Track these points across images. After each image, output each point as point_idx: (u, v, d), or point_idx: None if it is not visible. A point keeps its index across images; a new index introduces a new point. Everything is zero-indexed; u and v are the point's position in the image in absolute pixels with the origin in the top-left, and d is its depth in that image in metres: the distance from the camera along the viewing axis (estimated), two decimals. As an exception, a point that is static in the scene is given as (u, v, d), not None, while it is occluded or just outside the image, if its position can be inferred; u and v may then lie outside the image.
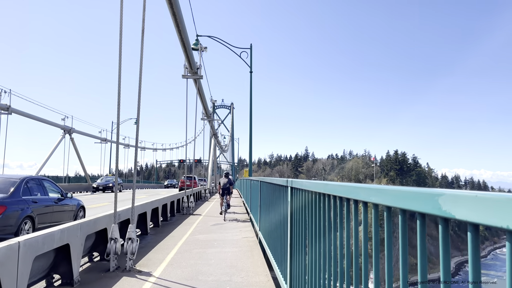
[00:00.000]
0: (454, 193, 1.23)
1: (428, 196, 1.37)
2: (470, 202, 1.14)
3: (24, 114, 29.70)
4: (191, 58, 17.26)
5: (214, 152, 40.77)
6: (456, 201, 1.21)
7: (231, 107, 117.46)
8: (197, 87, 18.72)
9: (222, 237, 11.15)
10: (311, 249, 3.48)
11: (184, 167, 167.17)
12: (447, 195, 1.27)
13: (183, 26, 13.84)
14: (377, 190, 1.90)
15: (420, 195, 1.43)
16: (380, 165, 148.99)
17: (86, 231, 6.81)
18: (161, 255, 8.56)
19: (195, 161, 71.66)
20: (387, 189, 1.77)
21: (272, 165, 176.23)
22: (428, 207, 1.37)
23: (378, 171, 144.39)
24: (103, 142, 44.66)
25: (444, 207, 1.28)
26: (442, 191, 1.29)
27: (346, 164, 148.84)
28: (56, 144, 33.41)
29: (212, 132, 39.32)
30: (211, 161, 39.12)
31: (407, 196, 1.54)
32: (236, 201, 28.42)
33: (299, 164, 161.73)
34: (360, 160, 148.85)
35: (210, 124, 33.78)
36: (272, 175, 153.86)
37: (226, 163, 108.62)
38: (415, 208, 1.47)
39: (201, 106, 26.61)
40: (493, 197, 1.05)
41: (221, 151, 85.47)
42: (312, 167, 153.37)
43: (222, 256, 8.49)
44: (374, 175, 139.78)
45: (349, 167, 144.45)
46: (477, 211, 1.11)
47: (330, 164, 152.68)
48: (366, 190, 2.07)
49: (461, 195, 1.20)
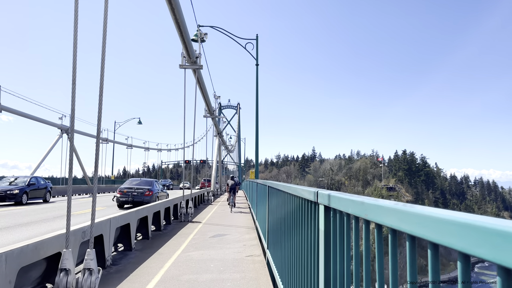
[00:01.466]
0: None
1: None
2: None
3: (16, 112, 27.77)
4: (189, 46, 15.11)
5: (219, 152, 38.46)
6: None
7: (237, 108, 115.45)
8: (196, 77, 16.54)
9: (222, 255, 8.94)
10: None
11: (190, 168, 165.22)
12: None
13: (176, 4, 11.69)
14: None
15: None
16: (388, 165, 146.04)
17: (18, 263, 4.64)
18: (138, 286, 6.38)
19: (200, 162, 69.45)
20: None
21: (279, 165, 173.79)
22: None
23: (386, 172, 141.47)
24: (104, 142, 42.65)
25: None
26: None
27: (353, 164, 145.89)
28: (52, 144, 31.50)
29: (216, 131, 37.20)
30: (216, 161, 36.82)
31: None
32: (242, 202, 26.35)
33: (306, 165, 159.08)
34: (368, 160, 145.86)
35: (213, 122, 31.49)
36: (279, 175, 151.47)
37: (232, 163, 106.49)
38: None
39: (203, 102, 24.40)
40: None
41: (227, 151, 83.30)
42: (320, 168, 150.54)
43: (219, 286, 6.31)
44: (382, 175, 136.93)
45: (356, 167, 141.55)
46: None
47: (338, 165, 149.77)
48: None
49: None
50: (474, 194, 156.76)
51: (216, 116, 29.51)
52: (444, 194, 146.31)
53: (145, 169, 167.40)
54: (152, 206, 11.90)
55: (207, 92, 23.34)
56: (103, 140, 41.75)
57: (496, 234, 0.82)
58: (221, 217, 17.39)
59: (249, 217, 17.30)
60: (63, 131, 32.60)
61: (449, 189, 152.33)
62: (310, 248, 3.15)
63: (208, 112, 27.63)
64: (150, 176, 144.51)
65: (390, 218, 1.42)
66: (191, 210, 15.72)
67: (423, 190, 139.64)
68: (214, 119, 31.33)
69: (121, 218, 8.78)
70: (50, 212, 16.87)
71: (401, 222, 1.31)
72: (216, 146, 37.47)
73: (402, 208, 1.33)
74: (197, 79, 16.63)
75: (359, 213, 1.82)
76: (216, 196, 36.68)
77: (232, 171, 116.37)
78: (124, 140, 49.86)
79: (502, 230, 0.81)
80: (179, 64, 15.81)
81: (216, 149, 37.07)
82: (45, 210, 17.88)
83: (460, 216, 0.97)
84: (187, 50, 15.39)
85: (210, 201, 26.87)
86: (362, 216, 1.74)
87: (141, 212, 10.68)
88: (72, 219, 13.55)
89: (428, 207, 1.17)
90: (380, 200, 1.62)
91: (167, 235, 12.07)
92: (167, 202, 14.39)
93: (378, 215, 1.56)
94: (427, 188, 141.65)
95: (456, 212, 1.03)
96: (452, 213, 1.02)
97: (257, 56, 23.54)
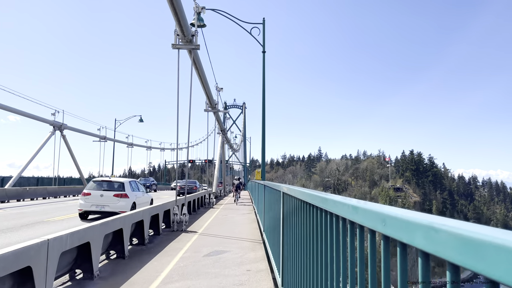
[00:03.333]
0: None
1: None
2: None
3: (5, 107, 25.27)
4: (182, 20, 12.41)
5: (223, 150, 35.43)
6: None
7: (243, 107, 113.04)
8: (192, 59, 13.75)
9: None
10: None
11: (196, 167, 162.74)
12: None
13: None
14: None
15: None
16: (395, 165, 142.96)
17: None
18: None
19: (205, 162, 66.88)
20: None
21: (284, 165, 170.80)
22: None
23: (393, 172, 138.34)
24: (102, 141, 39.93)
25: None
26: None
27: (360, 164, 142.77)
28: (43, 142, 28.93)
29: (219, 127, 34.14)
30: (218, 160, 33.81)
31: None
32: (246, 198, 23.98)
33: (312, 165, 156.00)
34: (375, 161, 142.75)
35: (215, 117, 28.41)
36: (284, 176, 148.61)
37: (238, 163, 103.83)
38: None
39: (204, 94, 21.47)
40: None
41: (232, 151, 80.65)
42: (326, 168, 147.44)
43: None
44: (389, 176, 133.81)
45: (363, 168, 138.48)
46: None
47: (344, 165, 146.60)
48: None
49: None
50: (482, 194, 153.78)
51: (218, 110, 26.52)
52: (452, 194, 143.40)
53: (150, 169, 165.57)
54: (129, 215, 9.18)
55: (208, 83, 20.52)
56: (101, 138, 39.15)
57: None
58: (222, 224, 14.65)
59: (252, 217, 14.59)
60: (56, 127, 30.05)
61: (457, 189, 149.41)
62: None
63: (210, 105, 24.62)
64: (156, 176, 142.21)
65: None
66: (186, 217, 12.98)
67: (430, 191, 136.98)
68: (217, 114, 28.33)
69: (71, 238, 6.06)
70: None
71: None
72: (219, 144, 34.35)
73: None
74: (193, 62, 13.89)
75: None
76: (219, 198, 33.78)
77: (238, 171, 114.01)
78: (124, 139, 47.25)
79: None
80: (172, 43, 13.12)
81: (219, 147, 33.97)
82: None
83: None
84: (181, 26, 12.67)
85: (211, 204, 24.05)
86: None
87: (112, 224, 7.96)
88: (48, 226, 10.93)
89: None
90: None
91: (150, 252, 9.35)
92: (154, 208, 11.67)
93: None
94: (435, 189, 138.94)
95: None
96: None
97: (264, 42, 20.79)
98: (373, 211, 1.49)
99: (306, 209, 3.20)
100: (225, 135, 36.04)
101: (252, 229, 12.92)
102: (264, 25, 20.77)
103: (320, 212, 2.61)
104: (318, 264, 2.66)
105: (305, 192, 3.24)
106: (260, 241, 10.52)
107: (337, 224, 2.20)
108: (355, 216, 1.77)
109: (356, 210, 1.74)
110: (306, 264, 3.14)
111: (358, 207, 1.71)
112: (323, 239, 2.49)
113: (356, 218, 1.76)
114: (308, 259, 3.03)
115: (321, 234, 2.56)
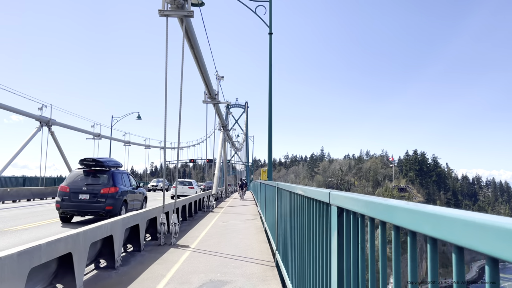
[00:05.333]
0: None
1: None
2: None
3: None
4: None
5: (224, 148, 32.29)
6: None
7: (245, 106, 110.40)
8: (184, 29, 10.90)
9: None
10: None
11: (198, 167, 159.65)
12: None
13: None
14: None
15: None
16: (398, 165, 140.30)
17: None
18: None
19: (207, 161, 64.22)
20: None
21: (287, 165, 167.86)
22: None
23: (397, 172, 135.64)
24: (97, 138, 37.10)
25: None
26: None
27: (363, 164, 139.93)
28: (28, 139, 26.09)
29: (220, 123, 30.55)
30: (219, 158, 30.70)
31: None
32: (250, 206, 21.43)
33: (315, 165, 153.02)
34: (378, 160, 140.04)
35: (215, 109, 24.53)
36: (287, 176, 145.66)
37: (240, 163, 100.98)
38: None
39: (201, 80, 18.43)
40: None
41: (235, 150, 77.81)
42: (329, 168, 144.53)
43: None
44: (393, 176, 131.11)
45: (367, 168, 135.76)
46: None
47: (347, 165, 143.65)
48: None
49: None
50: (486, 195, 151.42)
51: (218, 102, 23.35)
52: (456, 195, 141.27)
53: (152, 169, 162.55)
54: (89, 231, 6.33)
55: (206, 69, 17.49)
56: (95, 135, 36.31)
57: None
58: (221, 235, 11.78)
59: (258, 224, 11.77)
60: (43, 123, 27.26)
61: (460, 190, 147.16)
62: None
63: (209, 96, 21.38)
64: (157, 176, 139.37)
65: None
66: (176, 228, 10.14)
67: (434, 191, 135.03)
68: (217, 107, 24.77)
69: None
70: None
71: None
72: (220, 141, 31.27)
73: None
74: (187, 35, 11.10)
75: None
76: (220, 200, 30.90)
77: (240, 171, 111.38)
78: (121, 137, 44.31)
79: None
80: (158, 9, 10.32)
81: (220, 144, 30.84)
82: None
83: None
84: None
85: (211, 207, 20.99)
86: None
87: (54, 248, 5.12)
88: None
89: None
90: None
91: (118, 281, 6.54)
92: (132, 218, 8.81)
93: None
94: (439, 189, 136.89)
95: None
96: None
97: (271, 22, 17.96)
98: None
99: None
100: (226, 131, 32.86)
101: (259, 243, 10.07)
102: (270, 4, 17.96)
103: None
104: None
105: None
106: (272, 263, 7.69)
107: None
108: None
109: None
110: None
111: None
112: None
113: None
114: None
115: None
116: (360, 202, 2.00)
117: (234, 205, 24.32)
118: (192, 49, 15.07)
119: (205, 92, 21.19)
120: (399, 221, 1.49)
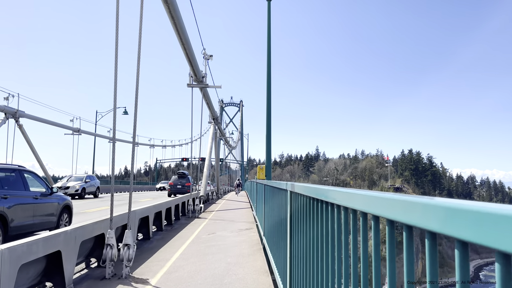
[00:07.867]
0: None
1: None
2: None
3: None
4: None
5: (215, 142, 28.00)
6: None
7: (240, 105, 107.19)
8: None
9: None
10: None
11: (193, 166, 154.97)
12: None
13: None
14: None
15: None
16: (393, 164, 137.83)
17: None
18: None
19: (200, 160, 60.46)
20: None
21: (282, 165, 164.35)
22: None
23: (392, 171, 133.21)
24: (76, 134, 33.23)
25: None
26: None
27: (359, 164, 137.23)
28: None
29: (211, 115, 26.44)
30: (209, 154, 26.49)
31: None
32: (244, 209, 16.96)
33: (310, 164, 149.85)
34: (374, 160, 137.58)
35: (202, 93, 19.34)
36: (282, 175, 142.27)
37: (235, 162, 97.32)
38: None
39: (187, 61, 14.65)
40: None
41: (229, 148, 74.18)
42: (324, 167, 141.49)
43: None
44: (389, 175, 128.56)
45: (362, 167, 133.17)
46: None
47: (342, 164, 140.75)
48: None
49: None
50: (480, 194, 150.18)
51: (206, 85, 18.55)
52: (451, 194, 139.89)
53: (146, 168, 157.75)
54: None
55: (190, 45, 13.77)
56: (74, 130, 32.44)
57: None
58: (202, 257, 8.12)
59: (255, 237, 8.22)
60: (8, 115, 23.52)
61: (455, 189, 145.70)
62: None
63: (195, 78, 17.34)
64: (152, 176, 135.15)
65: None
66: (129, 253, 6.57)
67: (429, 190, 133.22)
68: (205, 92, 19.83)
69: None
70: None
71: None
72: (211, 135, 27.01)
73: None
74: None
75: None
76: (210, 202, 26.65)
77: (235, 170, 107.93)
78: (105, 133, 40.34)
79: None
80: None
81: (210, 138, 26.34)
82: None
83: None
84: None
85: (196, 212, 16.99)
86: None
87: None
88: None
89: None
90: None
91: None
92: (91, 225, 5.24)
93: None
94: (434, 189, 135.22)
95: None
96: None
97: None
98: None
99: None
100: (217, 124, 28.55)
101: (257, 275, 6.47)
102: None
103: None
104: None
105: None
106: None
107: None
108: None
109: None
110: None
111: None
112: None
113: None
114: None
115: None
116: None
117: (226, 209, 20.70)
118: (169, 12, 11.50)
119: (190, 74, 17.35)
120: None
